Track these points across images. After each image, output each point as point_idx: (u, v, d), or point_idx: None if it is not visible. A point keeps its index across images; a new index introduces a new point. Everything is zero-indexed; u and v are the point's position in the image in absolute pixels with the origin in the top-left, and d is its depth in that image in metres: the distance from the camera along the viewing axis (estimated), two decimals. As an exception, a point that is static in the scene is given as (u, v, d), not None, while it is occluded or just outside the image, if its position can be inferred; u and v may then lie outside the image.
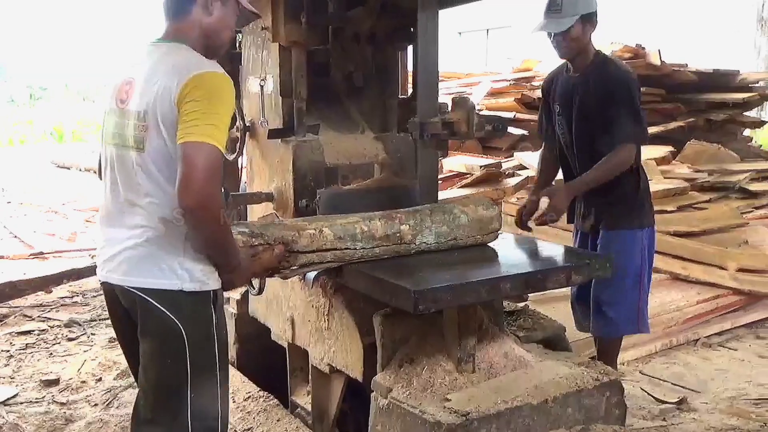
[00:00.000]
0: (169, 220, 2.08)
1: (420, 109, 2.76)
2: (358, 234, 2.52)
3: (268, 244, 2.36)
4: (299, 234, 2.43)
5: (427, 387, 2.41)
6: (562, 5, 3.13)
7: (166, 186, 2.07)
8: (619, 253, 3.18)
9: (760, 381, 3.93)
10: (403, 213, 2.67)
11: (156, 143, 2.06)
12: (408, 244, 2.61)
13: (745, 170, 6.63)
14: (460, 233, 2.70)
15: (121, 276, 2.15)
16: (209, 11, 2.20)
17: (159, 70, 2.09)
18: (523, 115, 8.05)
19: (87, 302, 5.52)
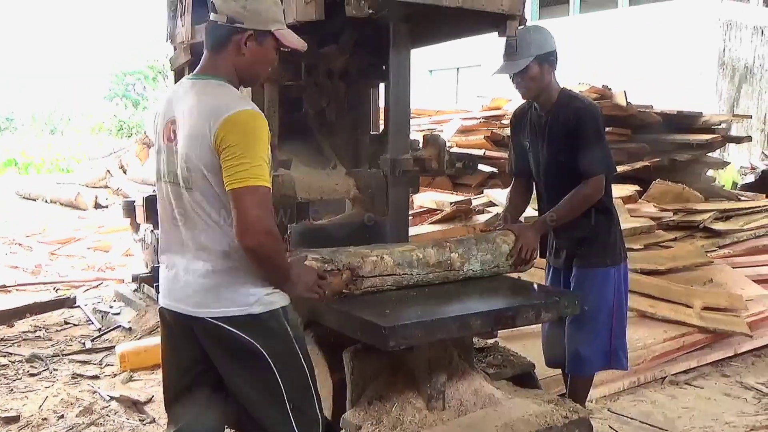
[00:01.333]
0: (228, 252, 2.19)
1: (392, 145, 2.79)
2: (414, 261, 2.68)
3: (337, 269, 2.50)
4: (363, 261, 2.57)
5: (396, 425, 2.39)
6: (516, 48, 3.18)
7: (218, 221, 2.19)
8: (591, 291, 3.23)
9: (727, 419, 3.96)
10: (452, 242, 2.86)
11: (201, 184, 2.18)
12: (457, 271, 2.78)
13: (709, 210, 6.74)
14: (502, 261, 2.91)
15: (193, 308, 2.23)
16: (241, 50, 2.27)
17: (195, 111, 2.19)
18: (493, 152, 8.13)
19: (50, 337, 5.40)
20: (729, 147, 12.64)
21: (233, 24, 2.24)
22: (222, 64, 2.28)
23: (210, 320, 2.21)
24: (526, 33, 3.14)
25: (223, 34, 2.26)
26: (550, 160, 3.32)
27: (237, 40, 2.25)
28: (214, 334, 2.23)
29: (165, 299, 2.35)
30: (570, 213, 3.21)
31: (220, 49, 2.28)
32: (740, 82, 14.19)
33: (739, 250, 6.36)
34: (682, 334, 4.77)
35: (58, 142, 23.58)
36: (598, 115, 3.25)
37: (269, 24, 2.28)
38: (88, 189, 13.38)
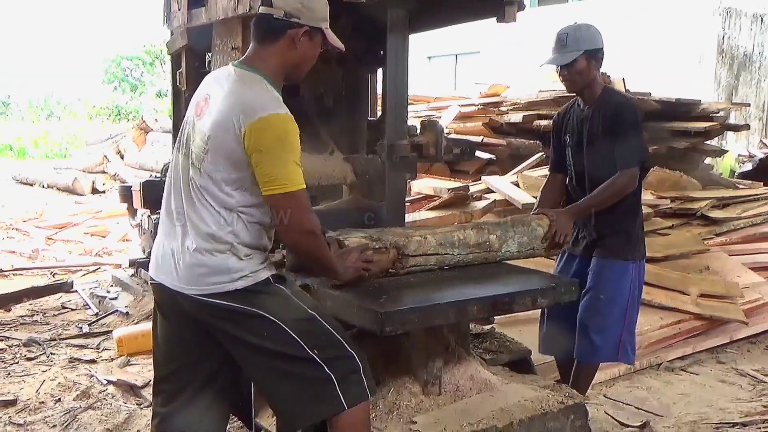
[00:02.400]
0: (216, 237, 2.21)
1: (389, 131, 2.78)
2: (455, 241, 2.76)
3: (384, 248, 2.57)
4: (408, 240, 2.64)
5: (393, 409, 2.40)
6: (567, 41, 3.26)
7: (214, 206, 2.21)
8: (609, 282, 3.30)
9: (721, 405, 3.98)
10: (490, 224, 2.96)
11: (212, 167, 2.20)
12: (495, 252, 2.89)
13: (707, 198, 6.75)
14: (537, 243, 3.00)
15: (186, 285, 2.24)
16: (296, 45, 2.30)
17: (229, 99, 2.21)
18: (491, 139, 8.12)
19: (47, 321, 5.41)
20: (727, 135, 12.64)
21: (290, 19, 2.28)
22: (271, 57, 2.30)
23: (202, 298, 2.22)
24: (577, 28, 3.26)
25: (278, 27, 2.28)
26: (590, 154, 3.37)
27: (292, 35, 2.28)
28: (210, 311, 2.24)
29: (156, 272, 2.36)
30: (604, 202, 3.26)
31: (271, 42, 2.30)
32: (739, 69, 14.16)
33: (735, 237, 6.37)
34: (678, 321, 4.79)
35: (54, 127, 23.49)
36: (636, 109, 3.32)
37: (321, 22, 2.34)
38: (86, 174, 13.36)
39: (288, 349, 2.21)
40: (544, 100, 8.39)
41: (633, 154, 3.24)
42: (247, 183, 2.21)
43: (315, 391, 2.21)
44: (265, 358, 2.24)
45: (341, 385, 2.20)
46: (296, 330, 2.22)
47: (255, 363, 2.29)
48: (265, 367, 2.27)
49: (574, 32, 3.26)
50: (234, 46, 3.07)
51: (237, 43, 3.04)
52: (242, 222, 2.24)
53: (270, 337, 2.22)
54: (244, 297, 2.23)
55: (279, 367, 2.24)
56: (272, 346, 2.22)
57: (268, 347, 2.22)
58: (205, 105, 2.28)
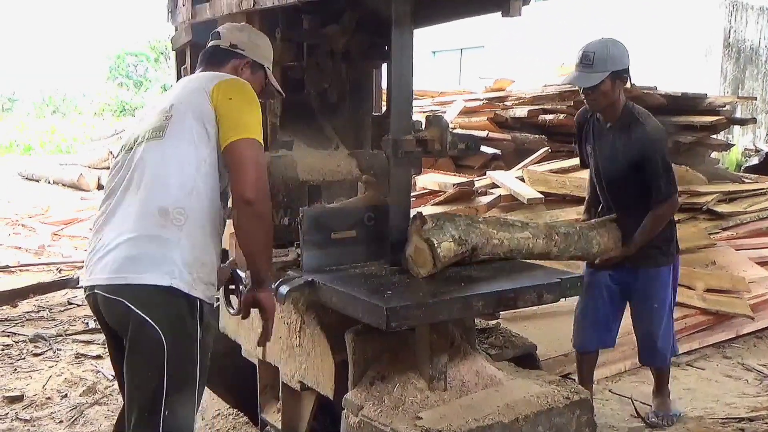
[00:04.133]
0: (167, 211, 2.09)
1: (394, 126, 2.77)
2: (523, 249, 2.83)
3: (466, 250, 2.61)
4: (487, 242, 2.70)
5: (398, 405, 2.39)
6: (593, 61, 3.19)
7: (178, 173, 2.13)
8: (659, 288, 3.42)
9: (727, 400, 3.98)
10: (560, 235, 3.01)
11: (177, 129, 2.16)
12: (551, 260, 3.00)
13: (713, 192, 6.73)
14: (585, 259, 3.20)
15: (107, 274, 2.10)
16: (238, 74, 2.44)
17: (194, 79, 2.35)
18: (496, 134, 8.11)
19: (53, 317, 5.43)
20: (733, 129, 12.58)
21: (235, 50, 2.45)
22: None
23: (112, 297, 2.09)
24: (604, 47, 3.20)
25: (223, 57, 2.47)
26: (613, 173, 3.39)
27: (236, 65, 2.46)
28: (115, 311, 2.12)
29: (88, 275, 2.21)
30: (651, 235, 3.34)
31: (215, 68, 2.44)
32: (745, 63, 14.09)
33: (742, 232, 6.35)
34: (684, 316, 4.78)
35: (60, 123, 23.53)
36: (664, 138, 3.37)
37: (264, 60, 2.52)
38: (91, 170, 13.38)
39: (150, 381, 2.10)
40: (549, 95, 8.36)
41: (669, 184, 3.28)
42: (211, 158, 2.16)
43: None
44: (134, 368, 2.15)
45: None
46: (170, 375, 2.10)
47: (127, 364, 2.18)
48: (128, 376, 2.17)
49: (601, 51, 3.18)
50: (238, 41, 3.07)
51: (241, 38, 3.04)
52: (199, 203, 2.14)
53: (149, 362, 2.10)
54: (159, 303, 2.08)
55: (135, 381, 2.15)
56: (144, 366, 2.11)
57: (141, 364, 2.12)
58: (152, 108, 2.33)
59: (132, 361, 2.14)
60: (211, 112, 2.16)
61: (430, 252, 2.52)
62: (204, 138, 2.16)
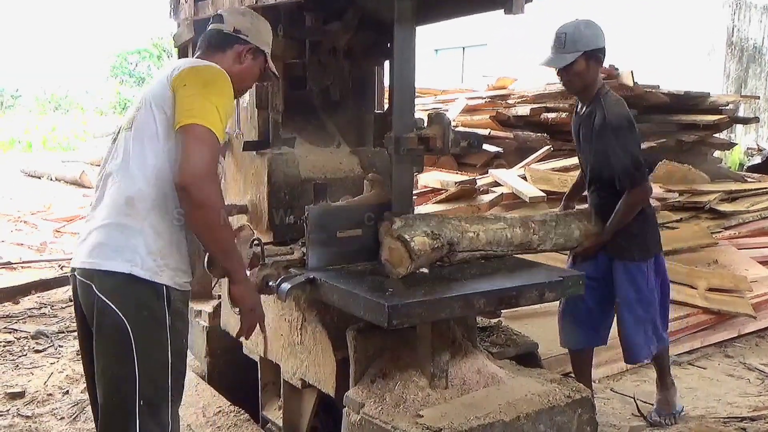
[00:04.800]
0: (134, 201, 2.10)
1: (396, 123, 2.76)
2: (502, 240, 2.80)
3: (442, 245, 2.57)
4: (462, 236, 2.66)
5: (399, 403, 2.39)
6: (565, 42, 3.20)
7: (141, 165, 2.12)
8: (625, 283, 3.33)
9: (729, 400, 3.97)
10: (537, 223, 2.98)
11: (143, 119, 2.15)
12: (534, 250, 2.95)
13: (715, 191, 6.72)
14: (570, 245, 3.10)
15: (82, 259, 2.13)
16: (240, 60, 2.41)
17: (167, 66, 2.33)
18: (498, 132, 8.11)
19: (55, 314, 5.43)
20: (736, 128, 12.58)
21: (238, 35, 2.41)
22: (217, 63, 2.34)
23: (84, 281, 2.10)
24: (577, 27, 3.20)
25: (225, 41, 2.40)
26: (587, 158, 3.41)
27: (238, 50, 2.41)
28: (85, 296, 2.12)
29: (73, 259, 2.24)
30: (621, 222, 3.27)
31: (217, 53, 2.39)
32: (748, 62, 14.07)
33: (744, 231, 6.35)
34: (686, 315, 4.78)
35: (62, 120, 23.54)
36: (624, 126, 3.20)
37: (264, 45, 2.48)
38: (93, 167, 13.38)
39: (121, 380, 2.08)
40: (552, 93, 8.36)
41: (631, 174, 3.19)
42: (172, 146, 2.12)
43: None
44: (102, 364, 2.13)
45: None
46: (142, 370, 2.07)
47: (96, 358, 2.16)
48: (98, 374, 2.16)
49: (573, 32, 3.19)
50: (241, 38, 3.07)
51: (244, 35, 3.03)
52: (160, 193, 2.11)
53: (118, 357, 2.08)
54: (123, 290, 2.07)
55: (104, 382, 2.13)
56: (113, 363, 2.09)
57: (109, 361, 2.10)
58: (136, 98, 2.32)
59: (100, 348, 2.13)
60: (170, 100, 2.12)
61: (405, 249, 2.49)
62: (166, 127, 2.12)
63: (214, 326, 3.57)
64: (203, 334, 3.70)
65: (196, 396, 3.59)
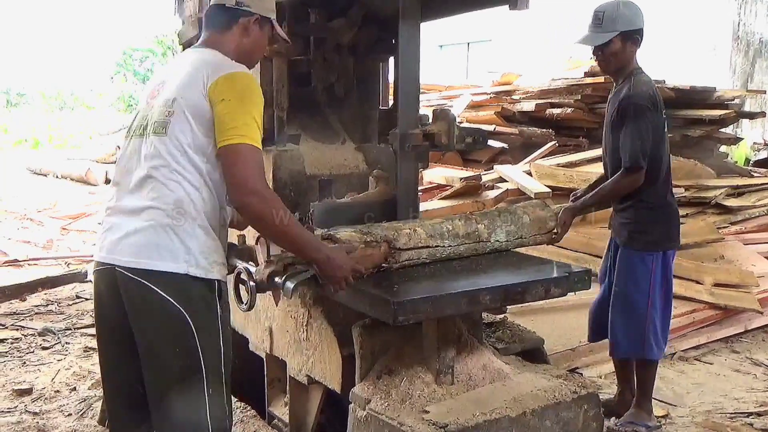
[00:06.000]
0: (180, 204, 2.15)
1: (401, 120, 2.77)
2: (444, 232, 2.69)
3: (376, 241, 2.50)
4: (398, 233, 2.57)
5: (405, 399, 2.40)
6: (603, 20, 3.16)
7: (179, 170, 2.16)
8: (626, 273, 3.28)
9: (736, 395, 3.96)
10: (477, 214, 2.90)
11: (179, 128, 2.16)
12: (485, 242, 2.82)
13: (722, 186, 6.70)
14: (525, 232, 2.94)
15: (128, 257, 2.16)
16: (248, 32, 2.38)
17: (190, 63, 2.26)
18: (503, 128, 8.09)
19: (62, 311, 5.45)
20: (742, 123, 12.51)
21: (242, 7, 2.36)
22: (225, 44, 2.35)
23: (136, 279, 2.14)
24: (616, 7, 3.16)
25: (230, 16, 2.36)
26: (607, 141, 3.36)
27: (244, 23, 2.37)
28: (138, 292, 2.16)
29: (99, 252, 2.26)
30: (602, 197, 3.28)
31: (224, 30, 2.37)
32: (755, 56, 14.00)
33: (750, 226, 6.32)
34: (692, 310, 4.76)
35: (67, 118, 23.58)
36: (644, 107, 3.15)
37: (269, 12, 2.44)
38: (99, 165, 13.41)
39: (189, 367, 2.18)
40: (557, 89, 8.34)
41: (633, 154, 3.13)
42: (214, 151, 2.17)
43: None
44: (167, 356, 2.19)
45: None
46: (205, 356, 2.18)
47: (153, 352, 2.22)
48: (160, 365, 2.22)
49: (611, 10, 3.15)
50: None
51: (248, 32, 3.04)
52: (208, 195, 2.19)
53: (182, 345, 2.17)
54: (180, 288, 2.16)
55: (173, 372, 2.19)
56: (180, 352, 2.17)
57: (175, 350, 2.17)
58: (161, 88, 2.29)
59: (157, 342, 2.20)
60: (208, 111, 2.15)
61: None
62: (203, 135, 2.17)
63: (220, 323, 3.58)
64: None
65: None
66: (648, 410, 3.44)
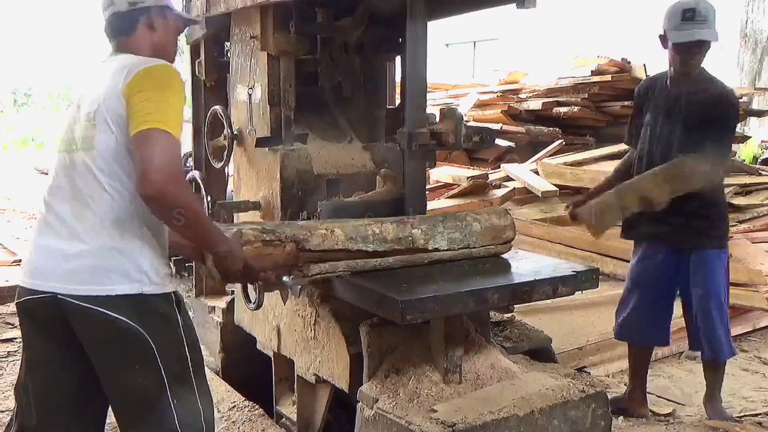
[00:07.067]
0: (122, 221, 2.05)
1: (408, 119, 2.77)
2: (369, 236, 2.51)
3: (279, 240, 2.35)
4: (311, 233, 2.43)
5: (413, 398, 2.40)
6: (707, 16, 3.12)
7: (111, 186, 2.05)
8: (710, 273, 3.29)
9: (744, 394, 3.95)
10: (417, 218, 2.69)
11: (105, 140, 2.05)
12: (421, 250, 2.60)
13: (729, 184, 6.67)
14: (473, 240, 2.71)
15: (74, 285, 2.03)
16: (153, 27, 2.27)
17: (107, 72, 2.12)
18: (510, 127, 8.09)
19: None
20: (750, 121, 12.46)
21: (136, 6, 2.25)
22: (137, 45, 2.25)
23: (88, 306, 2.03)
24: (707, 3, 3.14)
25: (129, 19, 2.25)
26: (678, 135, 3.26)
27: (145, 20, 2.26)
28: (92, 320, 2.04)
29: (32, 279, 2.12)
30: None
31: (130, 37, 2.26)
32: (763, 54, 13.94)
33: (759, 225, 6.30)
34: (700, 309, 4.74)
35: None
36: (735, 106, 3.26)
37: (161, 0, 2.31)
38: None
39: (152, 388, 2.09)
40: (564, 87, 8.33)
41: (725, 154, 3.20)
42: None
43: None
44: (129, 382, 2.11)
45: None
46: (167, 371, 2.10)
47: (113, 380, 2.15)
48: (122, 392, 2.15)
49: (708, 7, 3.12)
50: (252, 35, 3.07)
51: (255, 32, 3.04)
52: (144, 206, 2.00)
53: (143, 369, 2.09)
54: (137, 309, 2.06)
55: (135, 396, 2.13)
56: (140, 377, 2.09)
57: (136, 374, 2.09)
58: (82, 101, 2.15)
59: (118, 365, 2.11)
60: (126, 113, 2.02)
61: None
62: (126, 144, 2.05)
63: (227, 322, 3.58)
64: (217, 330, 3.71)
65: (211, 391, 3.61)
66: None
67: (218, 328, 3.70)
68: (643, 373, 3.62)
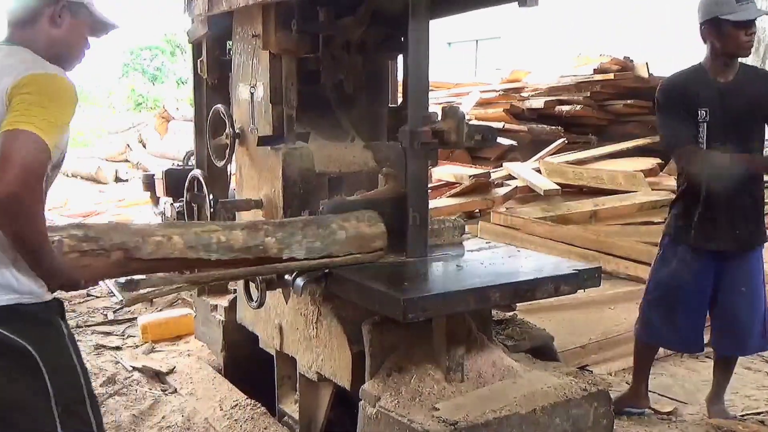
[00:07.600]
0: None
1: (410, 117, 2.77)
2: (213, 244, 2.33)
3: (103, 249, 2.14)
4: (144, 240, 2.22)
5: (415, 396, 2.40)
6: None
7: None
8: (757, 272, 3.27)
9: (746, 393, 3.95)
10: (272, 224, 2.52)
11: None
12: (273, 259, 2.44)
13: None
14: (336, 249, 2.56)
15: None
16: (57, 23, 2.09)
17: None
18: (512, 125, 8.08)
19: (73, 308, 5.47)
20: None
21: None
22: (35, 40, 2.06)
23: None
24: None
25: (33, 7, 2.07)
26: (737, 129, 3.24)
27: (50, 13, 2.07)
28: None
29: None
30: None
31: (30, 23, 2.07)
32: (765, 53, 13.91)
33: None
34: (702, 308, 4.74)
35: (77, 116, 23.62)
36: None
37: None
38: (108, 163, 13.48)
39: (36, 401, 1.96)
40: (566, 86, 8.33)
41: None
42: None
43: None
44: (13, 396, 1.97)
45: None
46: (54, 383, 1.97)
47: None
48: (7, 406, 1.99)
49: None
50: (254, 33, 3.08)
51: (257, 30, 3.04)
52: None
53: (28, 384, 1.95)
54: (19, 321, 1.93)
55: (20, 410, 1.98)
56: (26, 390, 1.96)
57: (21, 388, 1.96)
58: None
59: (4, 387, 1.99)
60: (5, 114, 1.87)
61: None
62: None
63: (229, 320, 3.59)
64: (219, 329, 3.72)
65: (213, 390, 3.62)
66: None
67: (220, 326, 3.71)
68: (648, 369, 3.64)
